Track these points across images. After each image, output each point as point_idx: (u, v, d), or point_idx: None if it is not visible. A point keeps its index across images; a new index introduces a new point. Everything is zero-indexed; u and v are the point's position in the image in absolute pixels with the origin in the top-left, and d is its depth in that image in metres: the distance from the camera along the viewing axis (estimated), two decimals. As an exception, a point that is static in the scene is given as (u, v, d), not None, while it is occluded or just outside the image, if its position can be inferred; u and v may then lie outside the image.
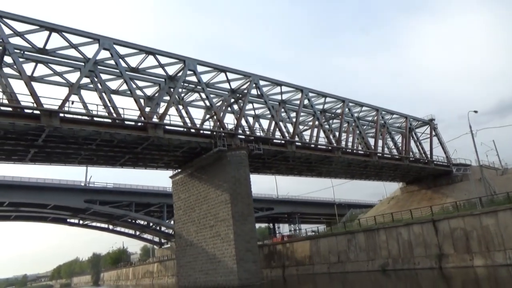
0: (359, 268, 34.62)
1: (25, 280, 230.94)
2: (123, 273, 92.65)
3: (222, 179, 37.34)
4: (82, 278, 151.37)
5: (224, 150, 36.66)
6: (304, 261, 40.38)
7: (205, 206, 39.16)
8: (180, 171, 44.41)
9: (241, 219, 35.37)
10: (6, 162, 34.78)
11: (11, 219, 75.64)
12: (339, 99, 52.73)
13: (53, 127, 28.31)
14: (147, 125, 33.30)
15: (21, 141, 30.37)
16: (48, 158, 35.90)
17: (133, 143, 34.58)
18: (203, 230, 38.99)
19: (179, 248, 42.51)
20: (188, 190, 42.11)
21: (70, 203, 65.72)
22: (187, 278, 40.40)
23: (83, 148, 33.77)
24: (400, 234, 31.83)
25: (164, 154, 38.83)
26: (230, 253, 34.91)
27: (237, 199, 35.87)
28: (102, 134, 31.27)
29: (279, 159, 46.59)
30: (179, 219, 43.08)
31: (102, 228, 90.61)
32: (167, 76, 39.63)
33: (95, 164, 39.77)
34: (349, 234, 36.45)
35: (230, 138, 38.34)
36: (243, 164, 37.25)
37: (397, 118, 64.09)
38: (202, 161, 39.64)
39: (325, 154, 47.87)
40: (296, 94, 48.80)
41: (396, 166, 59.19)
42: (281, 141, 43.73)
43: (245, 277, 33.85)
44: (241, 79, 43.53)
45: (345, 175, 63.10)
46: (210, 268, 37.18)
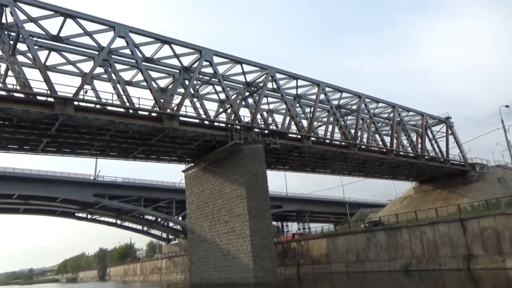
0: (380, 267, 33.35)
1: (31, 274, 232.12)
2: (131, 269, 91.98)
3: (237, 173, 36.22)
4: (88, 273, 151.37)
5: (240, 143, 35.54)
6: (320, 259, 39.15)
7: (219, 201, 38.08)
8: (193, 165, 43.38)
9: (258, 214, 34.24)
10: (18, 152, 33.91)
11: (19, 212, 75.18)
12: (356, 94, 51.45)
13: (67, 115, 27.35)
14: (163, 116, 32.27)
15: (34, 130, 29.44)
16: (60, 148, 35.01)
17: (147, 134, 33.55)
18: (217, 226, 37.92)
19: (191, 243, 41.49)
20: (202, 185, 41.04)
21: (79, 197, 65.12)
22: (199, 274, 39.38)
23: (96, 138, 32.79)
24: (425, 233, 30.49)
25: (178, 147, 37.77)
26: (246, 250, 33.79)
27: (253, 194, 34.74)
28: (116, 124, 30.25)
29: (294, 155, 45.40)
30: (191, 214, 42.04)
31: (109, 223, 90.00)
32: (182, 67, 38.62)
33: (108, 156, 38.83)
34: (369, 233, 35.16)
35: (246, 131, 37.23)
36: (260, 158, 36.11)
37: (413, 115, 62.70)
38: (216, 155, 38.55)
39: (341, 150, 46.59)
40: (312, 88, 47.62)
41: (412, 164, 57.71)
42: (297, 136, 42.56)
43: (261, 275, 32.73)
44: (257, 72, 42.47)
45: (359, 173, 61.75)
46: (224, 265, 36.12)
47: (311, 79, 46.01)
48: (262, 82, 42.23)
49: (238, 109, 38.86)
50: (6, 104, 25.10)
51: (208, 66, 38.10)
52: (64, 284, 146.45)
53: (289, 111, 43.00)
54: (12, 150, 33.39)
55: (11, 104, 25.32)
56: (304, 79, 45.46)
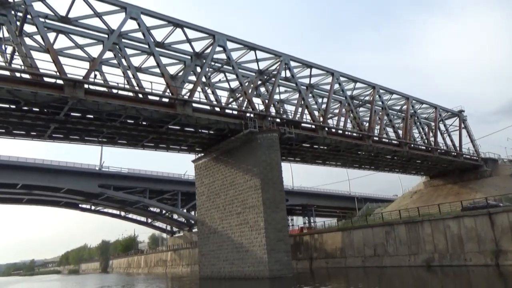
0: (399, 262, 32.09)
1: (32, 265, 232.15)
2: (134, 261, 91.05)
3: (251, 163, 34.91)
4: (90, 265, 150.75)
5: (255, 132, 34.20)
6: (335, 253, 37.92)
7: (231, 191, 36.81)
8: (203, 155, 42.09)
9: (273, 206, 32.97)
10: (25, 138, 32.56)
11: (23, 202, 74.04)
12: (370, 84, 49.93)
13: (77, 98, 26.00)
14: (176, 102, 30.91)
15: (41, 115, 28.10)
16: (67, 135, 33.68)
17: (159, 121, 32.21)
18: (229, 217, 36.68)
19: (201, 235, 40.28)
20: (213, 175, 39.75)
21: (84, 187, 63.90)
22: (209, 267, 38.20)
23: (106, 125, 31.43)
24: (449, 227, 29.17)
25: (189, 136, 36.42)
26: (260, 243, 32.56)
27: (268, 185, 33.45)
28: (128, 109, 28.89)
29: (306, 146, 44.05)
30: (202, 205, 40.80)
31: (113, 215, 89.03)
32: (193, 53, 37.13)
33: (116, 144, 37.45)
34: (388, 226, 33.87)
35: (261, 120, 35.87)
36: (275, 147, 34.78)
37: (425, 108, 61.20)
38: (229, 144, 37.22)
39: (355, 141, 45.21)
40: (326, 78, 46.16)
41: (425, 158, 56.34)
42: (311, 126, 41.20)
43: (276, 268, 31.52)
44: (270, 59, 41.01)
45: (370, 166, 60.37)
46: (237, 258, 34.91)
47: (325, 68, 44.54)
48: (275, 70, 40.88)
49: (251, 97, 37.42)
50: (14, 85, 23.75)
51: (221, 52, 36.71)
52: (65, 275, 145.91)
53: (303, 100, 41.57)
54: (18, 136, 32.06)
55: (19, 86, 23.97)
56: (319, 68, 43.99)
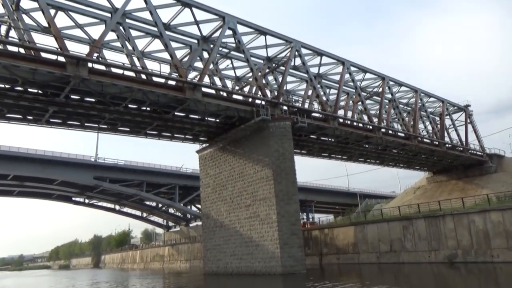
0: (418, 259, 30.52)
1: (21, 261, 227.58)
2: (129, 256, 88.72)
3: (262, 153, 33.01)
4: (81, 260, 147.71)
5: (267, 120, 32.29)
6: (347, 249, 36.27)
7: (240, 183, 34.89)
8: (208, 145, 40.08)
9: (286, 198, 31.14)
10: (20, 123, 30.22)
11: (14, 194, 71.23)
12: (379, 75, 48.33)
13: (80, 78, 23.82)
14: (185, 85, 28.82)
15: (40, 96, 25.84)
16: (66, 120, 31.37)
17: (165, 106, 30.14)
18: (237, 210, 34.79)
19: (206, 229, 38.33)
20: (219, 166, 37.78)
21: (78, 179, 61.43)
22: (215, 262, 36.30)
23: (109, 109, 29.20)
24: (473, 222, 27.64)
25: (196, 123, 34.37)
26: (272, 237, 30.74)
27: (280, 176, 31.59)
28: (134, 91, 26.77)
29: (314, 137, 42.25)
30: (207, 197, 38.82)
31: (108, 209, 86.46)
32: (200, 36, 35.06)
33: (117, 131, 35.18)
34: (405, 220, 32.27)
35: (272, 108, 33.95)
36: (288, 136, 32.92)
37: (431, 102, 59.90)
38: (237, 133, 35.27)
39: (366, 133, 43.54)
40: (336, 67, 44.43)
41: (433, 152, 54.98)
42: (322, 116, 39.41)
43: (289, 264, 29.74)
44: (279, 46, 39.07)
45: (376, 160, 58.88)
46: (245, 253, 33.06)
47: (336, 56, 42.74)
48: (284, 57, 39.06)
49: (262, 84, 35.50)
50: (12, 60, 21.50)
51: (229, 36, 34.65)
52: (56, 270, 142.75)
53: (313, 89, 39.77)
54: (13, 121, 29.69)
55: (18, 61, 21.72)
56: (330, 56, 42.19)
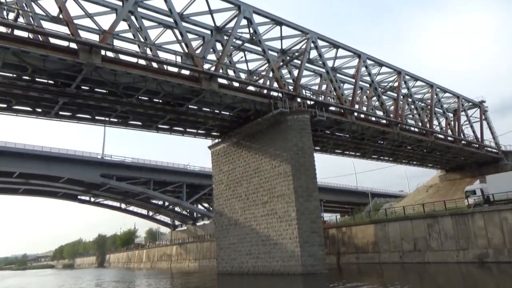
0: (445, 258, 29.06)
1: (24, 260, 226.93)
2: (135, 255, 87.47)
3: (280, 147, 31.62)
4: (85, 260, 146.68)
5: (285, 112, 30.92)
6: (366, 248, 34.84)
7: (255, 179, 33.53)
8: (220, 141, 38.75)
9: (305, 194, 29.74)
10: (28, 115, 28.92)
11: (19, 192, 70.18)
12: (396, 69, 46.87)
13: (93, 66, 22.53)
14: (201, 75, 27.48)
15: (50, 86, 24.54)
16: (76, 113, 30.07)
17: (180, 98, 28.82)
18: (253, 207, 33.42)
19: (219, 227, 36.98)
20: (233, 162, 36.42)
21: (85, 177, 60.30)
22: (229, 262, 34.95)
23: (121, 101, 27.87)
24: (506, 220, 26.18)
25: (210, 117, 33.02)
26: (291, 235, 29.36)
27: (300, 171, 30.19)
28: (149, 81, 25.48)
29: (331, 132, 40.87)
30: (220, 194, 37.47)
31: (113, 207, 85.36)
32: (214, 27, 33.69)
33: (128, 126, 33.83)
34: (430, 218, 30.81)
35: (290, 100, 32.56)
36: (307, 130, 31.52)
37: (446, 98, 58.37)
38: (253, 127, 33.90)
39: (383, 128, 42.11)
40: (350, 61, 43.01)
41: (449, 148, 53.51)
42: (339, 110, 38.02)
43: (309, 263, 28.35)
44: (295, 37, 37.68)
45: (389, 157, 57.36)
46: (262, 252, 31.69)
47: (353, 49, 41.30)
48: (299, 50, 37.73)
49: (271, 81, 34.12)
50: (22, 46, 20.20)
51: (244, 26, 33.28)
52: (60, 270, 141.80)
53: (331, 82, 38.38)
54: (21, 113, 28.41)
55: (28, 47, 20.42)
56: (346, 49, 40.72)
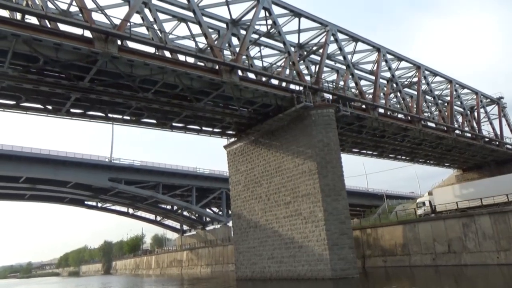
0: (484, 260, 27.14)
1: (29, 268, 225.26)
2: (144, 262, 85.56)
3: (303, 144, 29.85)
4: (91, 267, 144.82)
5: (309, 107, 29.19)
6: (395, 250, 32.91)
7: (277, 178, 31.72)
8: (236, 140, 37.03)
9: (333, 193, 27.91)
10: (38, 113, 27.24)
11: (25, 198, 68.46)
12: (415, 64, 45.13)
13: (109, 55, 20.88)
14: (221, 67, 25.81)
15: (62, 80, 22.89)
16: (88, 110, 28.45)
17: (198, 92, 27.14)
18: (274, 208, 31.59)
19: (237, 230, 35.15)
20: (251, 161, 34.65)
21: (93, 181, 58.63)
22: (249, 267, 33.07)
23: (136, 96, 26.25)
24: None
25: (228, 113, 31.30)
26: (319, 237, 27.49)
27: (326, 169, 28.38)
28: (167, 74, 23.83)
29: (351, 129, 39.03)
30: (237, 195, 35.68)
31: (121, 212, 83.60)
32: (230, 19, 32.05)
33: (141, 124, 32.16)
34: (465, 218, 28.90)
35: (312, 94, 30.82)
36: (332, 125, 29.76)
37: (464, 94, 56.53)
38: (273, 124, 32.19)
39: (406, 125, 40.28)
40: (370, 55, 41.31)
41: (469, 146, 51.57)
42: (361, 106, 36.28)
43: (340, 268, 26.46)
44: (313, 30, 36.04)
45: (407, 156, 55.50)
46: (286, 255, 29.81)
47: (372, 43, 39.60)
48: (318, 43, 36.12)
49: (289, 75, 32.36)
50: (34, 33, 18.57)
51: (261, 19, 31.65)
52: (65, 277, 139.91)
53: (352, 76, 36.64)
54: (31, 111, 26.80)
55: (40, 34, 18.78)
56: (366, 42, 39.03)
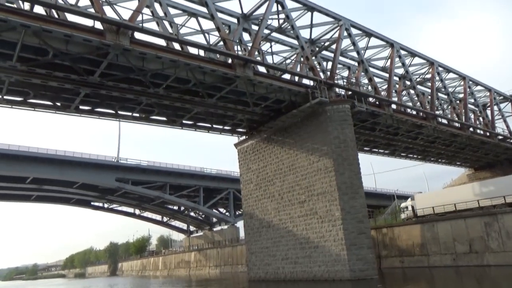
0: (508, 260, 26.02)
1: (35, 269, 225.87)
2: (150, 263, 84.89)
3: (318, 141, 28.93)
4: (97, 268, 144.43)
5: (324, 102, 28.27)
6: (412, 250, 31.88)
7: (291, 176, 30.82)
8: (248, 137, 36.18)
9: (350, 191, 26.97)
10: (46, 110, 26.57)
11: (31, 199, 68.08)
12: (428, 60, 44.11)
13: (121, 48, 20.11)
14: (235, 61, 24.99)
15: (71, 74, 22.13)
16: (98, 107, 27.69)
17: (210, 87, 26.34)
18: (288, 208, 30.68)
19: (249, 230, 34.27)
20: (263, 159, 33.79)
21: (100, 181, 58.11)
22: (262, 268, 32.17)
23: (147, 92, 25.46)
24: None
25: (240, 110, 30.39)
26: (336, 236, 26.55)
27: (343, 166, 27.45)
28: (180, 67, 23.03)
29: (364, 127, 38.06)
30: (249, 195, 34.82)
31: (127, 213, 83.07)
32: (241, 14, 31.23)
33: (151, 121, 31.41)
34: (488, 216, 27.86)
35: (327, 89, 29.91)
36: (348, 121, 28.82)
37: (477, 91, 55.42)
38: (286, 120, 31.31)
39: (421, 121, 39.29)
40: (382, 51, 40.38)
41: (483, 144, 50.44)
42: (376, 102, 35.35)
43: (359, 268, 25.50)
44: (326, 25, 35.17)
45: (419, 155, 54.41)
46: (301, 256, 28.89)
47: (386, 38, 38.63)
48: (330, 39, 35.33)
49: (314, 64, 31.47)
50: (44, 24, 17.82)
51: (273, 13, 30.82)
52: (71, 279, 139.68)
53: (366, 72, 35.71)
54: (39, 107, 26.10)
55: (50, 25, 18.03)
56: (379, 37, 38.07)
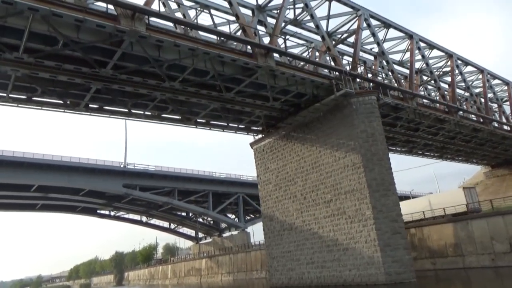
0: (556, 258, 24.18)
1: (39, 281, 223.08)
2: (159, 271, 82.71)
3: (344, 136, 27.12)
4: (103, 278, 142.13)
5: (350, 94, 26.49)
6: (445, 251, 29.90)
7: (314, 175, 28.97)
8: (264, 136, 34.43)
9: (381, 188, 25.10)
10: (55, 108, 24.84)
11: (36, 208, 66.22)
12: (447, 52, 42.41)
13: (137, 35, 18.39)
14: (256, 50, 23.29)
15: (82, 67, 20.43)
16: (108, 104, 25.99)
17: (229, 80, 24.63)
18: (312, 208, 28.80)
19: (269, 234, 32.36)
20: (283, 158, 31.97)
21: (107, 188, 56.26)
22: (285, 273, 30.21)
23: (162, 86, 23.78)
24: None
25: (258, 105, 28.62)
26: (367, 237, 24.64)
27: (372, 162, 25.61)
28: (198, 57, 21.33)
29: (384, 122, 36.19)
30: (268, 196, 32.95)
31: (134, 221, 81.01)
32: (256, 5, 29.61)
33: (164, 120, 29.61)
34: (529, 212, 26.06)
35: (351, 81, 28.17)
36: (375, 114, 27.03)
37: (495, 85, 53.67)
38: (307, 115, 29.56)
39: (444, 115, 37.51)
40: (401, 43, 38.71)
41: (504, 139, 48.67)
42: (398, 95, 33.63)
43: (395, 271, 23.55)
44: (344, 16, 33.52)
45: (437, 153, 52.59)
46: (329, 259, 26.94)
47: (405, 29, 37.01)
48: (348, 31, 33.62)
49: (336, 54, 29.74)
50: (53, 7, 16.14)
51: (290, 3, 29.25)
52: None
53: (387, 64, 34.02)
54: (47, 106, 24.39)
55: (60, 8, 16.35)
56: (398, 28, 36.47)
